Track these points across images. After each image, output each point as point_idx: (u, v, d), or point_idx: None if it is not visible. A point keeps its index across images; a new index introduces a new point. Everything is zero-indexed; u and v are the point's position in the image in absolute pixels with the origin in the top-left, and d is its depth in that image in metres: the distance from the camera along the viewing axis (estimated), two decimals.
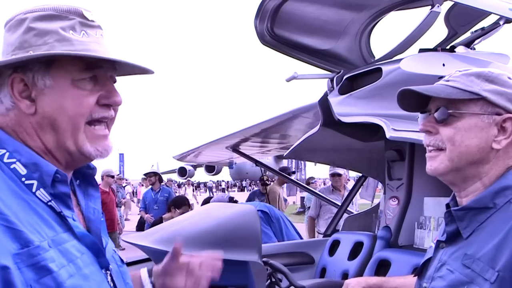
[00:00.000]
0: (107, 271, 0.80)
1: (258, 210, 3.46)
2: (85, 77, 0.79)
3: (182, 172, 27.51)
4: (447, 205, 0.99)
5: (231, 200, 3.63)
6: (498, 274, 0.83)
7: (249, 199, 6.20)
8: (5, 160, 0.75)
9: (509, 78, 0.93)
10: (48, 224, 0.72)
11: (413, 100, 0.99)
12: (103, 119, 0.82)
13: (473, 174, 0.93)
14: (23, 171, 0.74)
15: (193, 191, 20.34)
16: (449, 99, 0.93)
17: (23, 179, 0.74)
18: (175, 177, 28.26)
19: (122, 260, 0.90)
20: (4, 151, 0.75)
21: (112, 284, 0.81)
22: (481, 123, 0.91)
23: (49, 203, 0.74)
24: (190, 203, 4.91)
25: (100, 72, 0.81)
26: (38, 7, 0.80)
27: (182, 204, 4.43)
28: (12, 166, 0.74)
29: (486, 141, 0.91)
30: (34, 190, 0.74)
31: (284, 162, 15.11)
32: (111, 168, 6.78)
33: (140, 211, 7.27)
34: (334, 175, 5.09)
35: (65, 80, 0.78)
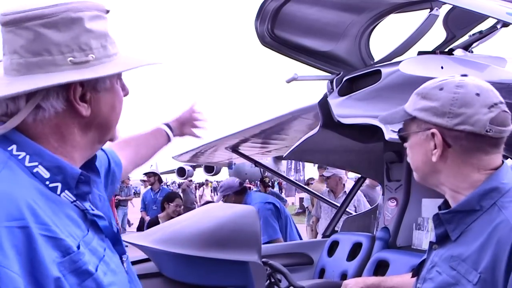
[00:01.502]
0: (122, 259, 0.82)
1: (271, 203, 3.52)
2: (120, 76, 0.83)
3: (181, 172, 27.44)
4: (439, 208, 1.01)
5: (241, 184, 3.63)
6: (480, 276, 0.84)
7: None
8: (27, 164, 0.72)
9: (441, 89, 0.94)
10: (76, 224, 0.73)
11: None
12: None
13: (436, 184, 0.99)
14: (46, 174, 0.72)
15: (211, 192, 19.38)
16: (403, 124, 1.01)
17: (47, 182, 0.72)
18: (174, 177, 28.15)
19: None
20: (23, 154, 0.72)
21: (126, 270, 0.82)
22: (419, 140, 0.96)
23: (74, 203, 0.75)
24: None
25: None
26: (80, 4, 0.75)
27: (174, 198, 4.45)
28: (35, 170, 0.72)
29: (426, 156, 0.95)
30: (58, 192, 0.73)
31: (283, 163, 15.07)
32: None
33: (141, 212, 7.28)
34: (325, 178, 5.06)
35: (115, 81, 0.81)
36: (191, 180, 17.03)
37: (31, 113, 0.73)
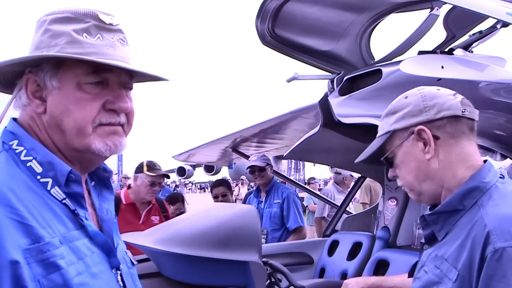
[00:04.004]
0: (118, 271, 0.81)
1: (298, 196, 3.66)
2: (92, 81, 0.79)
3: (181, 171, 27.46)
4: (430, 209, 1.03)
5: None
6: (458, 274, 0.86)
7: (246, 200, 6.19)
8: (22, 157, 0.76)
9: (406, 97, 1.01)
10: (61, 221, 0.74)
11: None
12: (112, 124, 0.81)
13: (434, 188, 0.98)
14: (38, 169, 0.76)
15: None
16: (384, 147, 1.04)
17: (38, 177, 0.75)
18: (174, 176, 28.14)
19: (132, 262, 0.91)
20: (21, 148, 0.77)
21: (122, 284, 0.81)
22: (406, 149, 0.99)
23: (63, 201, 0.76)
24: None
25: (111, 76, 0.80)
26: (59, 10, 0.82)
27: (176, 201, 4.43)
28: (28, 164, 0.76)
29: (419, 158, 0.97)
30: (49, 188, 0.75)
31: (284, 163, 15.07)
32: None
33: None
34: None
35: (71, 83, 0.78)
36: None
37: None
